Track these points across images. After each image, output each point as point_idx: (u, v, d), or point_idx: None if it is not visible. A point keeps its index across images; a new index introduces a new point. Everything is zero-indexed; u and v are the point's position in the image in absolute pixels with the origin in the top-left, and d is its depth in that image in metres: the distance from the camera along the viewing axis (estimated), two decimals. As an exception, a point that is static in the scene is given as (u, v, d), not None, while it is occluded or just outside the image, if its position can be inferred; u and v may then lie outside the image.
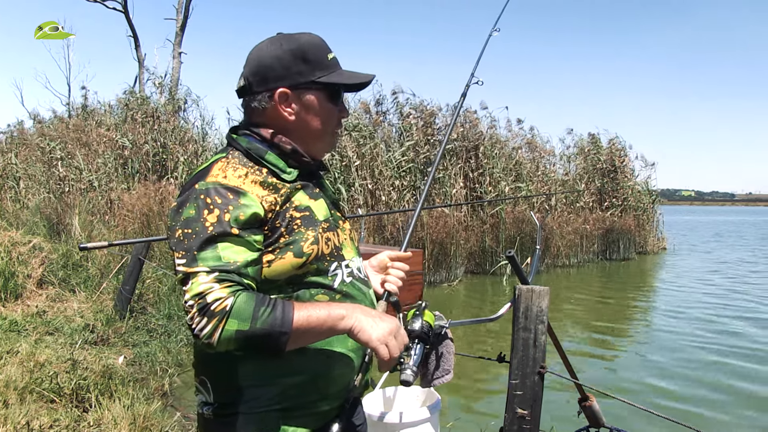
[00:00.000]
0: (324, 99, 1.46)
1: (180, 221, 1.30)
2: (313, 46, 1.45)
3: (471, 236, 13.73)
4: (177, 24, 19.92)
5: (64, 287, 7.22)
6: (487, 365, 6.16)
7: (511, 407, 2.02)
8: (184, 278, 1.25)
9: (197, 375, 1.44)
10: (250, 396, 1.36)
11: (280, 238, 1.35)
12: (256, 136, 1.44)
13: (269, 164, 1.41)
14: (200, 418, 1.44)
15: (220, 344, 1.21)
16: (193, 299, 1.22)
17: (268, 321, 1.23)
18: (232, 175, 1.35)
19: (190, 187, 1.34)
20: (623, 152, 19.21)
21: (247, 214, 1.30)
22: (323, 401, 1.41)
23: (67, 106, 19.86)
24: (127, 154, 13.74)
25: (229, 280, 1.24)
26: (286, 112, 1.44)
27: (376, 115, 15.05)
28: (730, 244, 25.74)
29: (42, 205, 12.02)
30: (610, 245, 17.65)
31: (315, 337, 1.33)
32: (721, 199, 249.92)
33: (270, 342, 1.24)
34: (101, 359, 4.87)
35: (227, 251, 1.26)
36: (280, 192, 1.38)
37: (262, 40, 1.48)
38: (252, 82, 1.44)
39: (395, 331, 1.35)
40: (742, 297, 11.46)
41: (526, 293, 2.04)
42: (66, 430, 3.55)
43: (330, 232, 1.44)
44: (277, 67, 1.42)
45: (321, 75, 1.44)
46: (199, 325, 1.21)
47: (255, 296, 1.25)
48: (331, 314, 1.31)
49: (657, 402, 5.59)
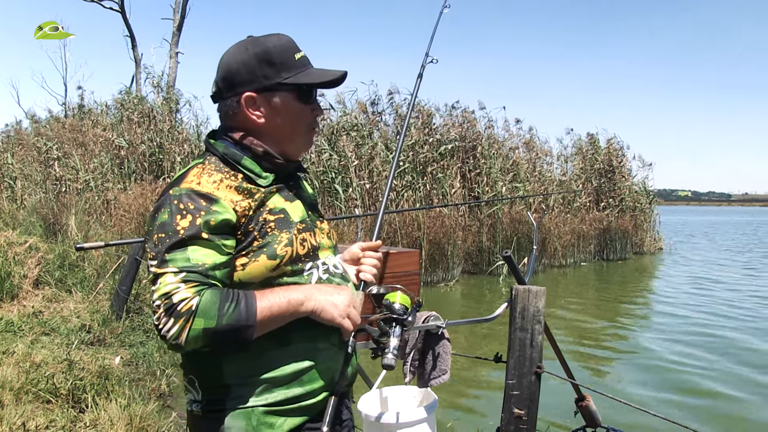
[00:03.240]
0: (293, 99, 1.47)
1: (156, 226, 1.33)
2: (279, 47, 1.46)
3: (468, 236, 13.75)
4: (174, 24, 19.90)
5: (61, 287, 7.20)
6: (484, 365, 6.17)
7: (508, 407, 2.02)
8: (154, 279, 1.29)
9: (185, 374, 1.46)
10: (236, 393, 1.39)
11: (254, 242, 1.38)
12: (230, 140, 1.47)
13: (245, 169, 1.43)
14: (190, 416, 1.47)
15: (188, 343, 1.25)
16: (159, 299, 1.25)
17: (234, 316, 1.28)
18: (206, 181, 1.38)
19: (166, 192, 1.38)
20: (621, 152, 19.27)
21: (218, 220, 1.32)
22: (309, 396, 1.44)
23: (63, 106, 19.82)
24: (123, 154, 13.74)
25: (195, 281, 1.27)
26: (255, 116, 1.46)
27: (372, 116, 15.05)
28: (725, 244, 25.79)
29: (38, 205, 12.00)
30: (607, 245, 17.69)
31: (278, 324, 1.37)
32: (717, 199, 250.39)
33: (237, 336, 1.29)
34: (97, 360, 4.86)
35: (196, 253, 1.30)
36: (254, 197, 1.40)
37: (232, 45, 1.50)
38: (222, 88, 1.47)
39: (353, 301, 1.46)
40: (738, 297, 11.49)
41: (523, 293, 2.04)
42: (62, 430, 3.54)
43: (306, 233, 1.47)
44: (243, 71, 1.44)
45: (288, 76, 1.45)
46: (166, 326, 1.24)
47: (219, 293, 1.29)
48: (291, 301, 1.36)
49: (653, 401, 5.60)
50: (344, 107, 15.14)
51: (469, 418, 5.08)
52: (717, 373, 6.56)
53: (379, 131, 14.91)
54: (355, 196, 13.02)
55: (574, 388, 2.31)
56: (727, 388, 6.07)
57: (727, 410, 5.53)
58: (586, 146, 19.19)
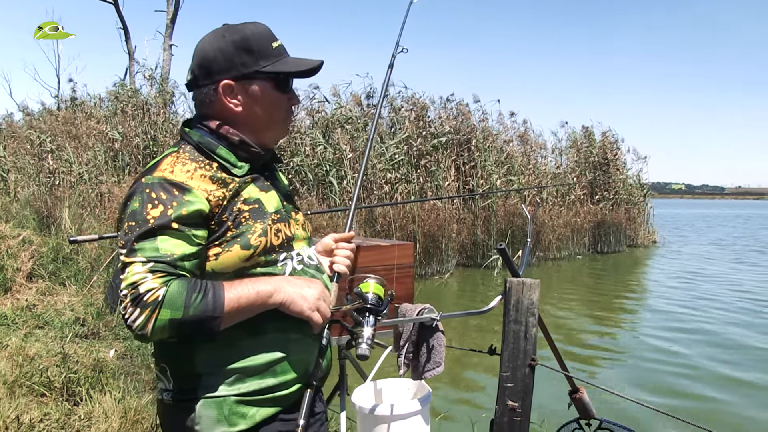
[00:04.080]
0: (270, 88, 1.46)
1: (127, 214, 1.32)
2: (257, 35, 1.45)
3: (462, 229, 13.76)
4: (167, 16, 19.76)
5: (54, 281, 7.18)
6: (478, 357, 6.18)
7: (502, 399, 2.03)
8: (122, 267, 1.27)
9: (157, 363, 1.45)
10: (208, 382, 1.37)
11: (227, 232, 1.36)
12: (206, 128, 1.45)
13: (220, 158, 1.42)
14: (160, 405, 1.46)
15: (154, 334, 1.24)
16: (126, 288, 1.24)
17: (200, 307, 1.26)
18: (180, 170, 1.36)
19: (138, 181, 1.36)
20: (616, 145, 19.28)
21: (190, 210, 1.31)
22: (282, 387, 1.43)
23: (56, 98, 19.67)
24: (117, 147, 13.67)
25: (163, 271, 1.26)
26: (232, 104, 1.44)
27: (367, 108, 15.02)
28: (717, 237, 25.91)
29: (31, 198, 11.95)
30: (601, 238, 17.74)
31: (246, 316, 1.36)
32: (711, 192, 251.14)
33: (204, 327, 1.28)
34: (92, 353, 4.86)
35: (165, 243, 1.28)
36: (228, 186, 1.38)
37: (208, 33, 1.48)
38: (198, 75, 1.45)
39: (322, 294, 1.44)
40: (731, 289, 11.55)
41: (517, 286, 2.04)
42: (56, 423, 3.54)
43: (281, 223, 1.46)
44: (221, 59, 1.42)
45: (265, 64, 1.44)
46: (132, 315, 1.23)
47: (186, 283, 1.27)
48: (260, 293, 1.35)
49: (647, 393, 5.63)
50: (339, 100, 15.12)
51: (464, 410, 5.10)
52: (713, 364, 6.61)
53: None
54: (350, 188, 13.00)
55: (568, 380, 2.31)
56: (723, 379, 6.11)
57: (722, 401, 5.57)
58: (581, 139, 19.21)
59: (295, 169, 13.53)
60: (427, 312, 2.23)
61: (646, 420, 4.58)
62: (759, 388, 5.90)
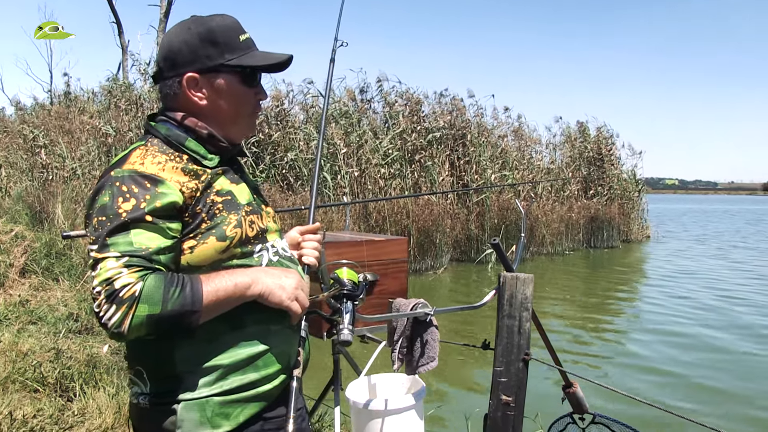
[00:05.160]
0: (236, 82, 1.43)
1: (96, 209, 1.27)
2: (223, 27, 1.42)
3: (457, 224, 13.77)
4: (161, 10, 19.68)
5: (48, 276, 7.16)
6: (472, 352, 6.19)
7: (496, 394, 2.03)
8: (94, 264, 1.22)
9: (131, 366, 1.40)
10: (189, 382, 1.33)
11: (202, 224, 1.33)
12: (173, 121, 1.42)
13: (190, 151, 1.38)
14: (134, 408, 1.40)
15: (131, 331, 1.19)
16: (100, 285, 1.19)
17: (179, 302, 1.22)
18: (150, 162, 1.32)
19: (107, 174, 1.31)
20: (610, 141, 19.32)
21: (164, 203, 1.27)
22: (264, 381, 1.39)
23: (49, 93, 19.60)
24: (110, 142, 13.61)
25: (138, 266, 1.21)
26: (197, 97, 1.41)
27: (361, 103, 15.00)
28: (711, 231, 26.01)
29: (24, 193, 11.90)
30: (595, 233, 17.78)
31: (225, 309, 1.32)
32: (704, 187, 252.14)
33: (182, 322, 1.24)
34: (85, 348, 4.85)
35: (139, 237, 1.24)
36: (201, 178, 1.35)
37: (175, 24, 1.45)
38: (163, 68, 1.42)
39: (300, 284, 1.42)
40: (723, 284, 11.61)
41: (511, 281, 2.04)
42: (50, 419, 3.53)
43: (254, 215, 1.43)
44: (185, 51, 1.39)
45: (231, 57, 1.41)
46: (108, 313, 1.17)
47: (163, 277, 1.23)
48: (238, 285, 1.31)
49: (640, 388, 5.66)
50: (333, 95, 15.08)
51: (457, 404, 5.11)
52: (705, 360, 6.65)
53: (368, 119, 14.86)
54: (344, 183, 12.99)
55: (562, 374, 2.32)
56: (715, 376, 6.15)
57: (713, 397, 5.60)
58: (575, 134, 19.24)
59: (289, 164, 13.50)
60: (421, 307, 2.24)
61: (640, 414, 4.60)
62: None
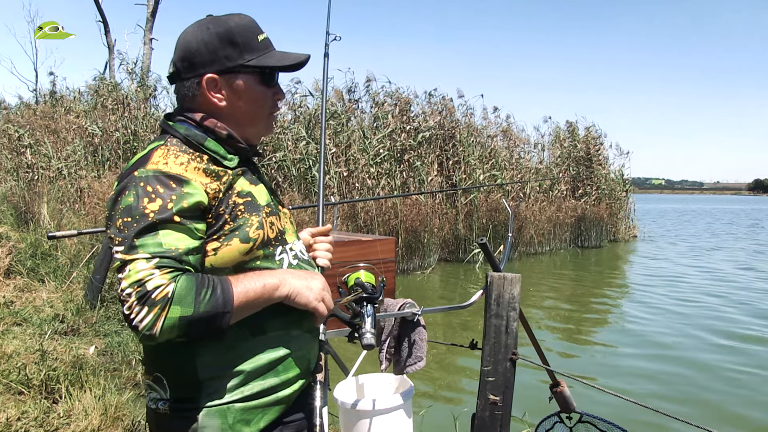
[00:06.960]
0: (255, 82, 1.43)
1: (119, 210, 1.25)
2: (241, 28, 1.41)
3: (445, 224, 13.79)
4: (148, 10, 19.54)
5: (33, 277, 7.09)
6: (460, 352, 6.21)
7: (484, 393, 2.04)
8: (122, 266, 1.20)
9: (149, 372, 1.39)
10: (210, 389, 1.32)
11: (225, 225, 1.32)
12: (191, 122, 1.41)
13: (210, 151, 1.38)
14: (153, 413, 1.38)
15: (162, 334, 1.17)
16: (131, 287, 1.17)
17: (211, 303, 1.22)
18: (174, 162, 1.31)
19: (129, 174, 1.29)
20: (599, 141, 19.42)
21: (190, 203, 1.26)
22: (284, 386, 1.39)
23: (34, 92, 19.42)
24: (97, 142, 13.51)
25: (169, 267, 1.20)
26: (216, 98, 1.40)
27: (349, 103, 14.98)
28: (699, 230, 26.22)
29: (9, 193, 11.80)
30: (582, 233, 17.87)
31: (254, 310, 1.32)
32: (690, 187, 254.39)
33: (214, 323, 1.23)
34: (71, 350, 4.80)
35: (168, 238, 1.23)
36: (222, 179, 1.34)
37: (191, 24, 1.43)
38: (180, 69, 1.40)
39: (326, 286, 1.44)
40: (711, 280, 11.70)
41: (498, 280, 2.05)
42: (34, 422, 3.50)
43: (273, 216, 1.42)
44: (204, 51, 1.38)
45: (250, 58, 1.40)
46: (139, 315, 1.16)
47: (195, 278, 1.22)
48: (267, 285, 1.32)
49: (627, 387, 5.69)
50: (329, 93, 15.00)
51: (445, 404, 5.12)
52: (694, 357, 6.69)
53: (356, 119, 14.85)
54: (332, 183, 12.98)
55: (549, 374, 2.33)
56: (705, 373, 6.19)
57: (703, 395, 5.64)
58: (564, 134, 19.32)
59: (277, 164, 13.47)
60: (409, 307, 2.24)
61: (626, 413, 4.62)
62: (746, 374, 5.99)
